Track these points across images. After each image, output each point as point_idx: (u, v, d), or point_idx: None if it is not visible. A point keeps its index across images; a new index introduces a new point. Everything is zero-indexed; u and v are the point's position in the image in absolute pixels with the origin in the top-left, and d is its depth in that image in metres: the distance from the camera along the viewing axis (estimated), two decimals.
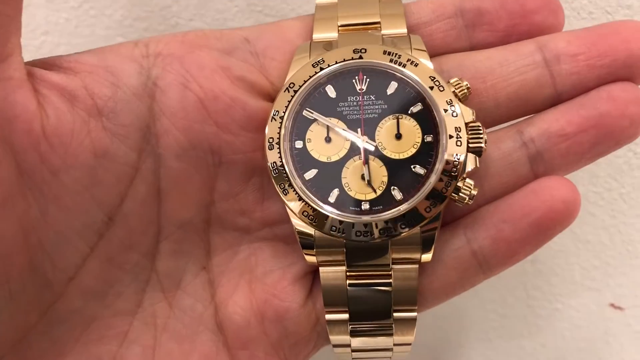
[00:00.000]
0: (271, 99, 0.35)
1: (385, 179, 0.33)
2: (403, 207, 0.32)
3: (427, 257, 0.33)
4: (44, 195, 0.31)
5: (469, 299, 0.45)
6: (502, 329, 0.55)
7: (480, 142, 0.32)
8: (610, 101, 0.33)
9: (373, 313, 0.34)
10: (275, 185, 0.33)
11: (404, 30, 0.35)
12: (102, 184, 0.32)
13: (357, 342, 0.35)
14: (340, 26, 0.35)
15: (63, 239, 0.32)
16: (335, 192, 0.33)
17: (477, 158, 0.33)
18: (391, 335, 0.34)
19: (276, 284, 0.35)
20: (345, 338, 0.35)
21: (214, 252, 0.36)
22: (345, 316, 0.34)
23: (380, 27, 0.35)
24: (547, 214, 0.32)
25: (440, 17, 0.36)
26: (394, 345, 0.35)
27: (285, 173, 0.33)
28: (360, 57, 0.33)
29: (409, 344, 0.35)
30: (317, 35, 0.35)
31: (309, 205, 0.32)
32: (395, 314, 0.34)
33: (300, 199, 0.33)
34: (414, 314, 0.34)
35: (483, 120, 0.35)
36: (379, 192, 0.33)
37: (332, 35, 0.35)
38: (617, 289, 0.53)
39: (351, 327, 0.34)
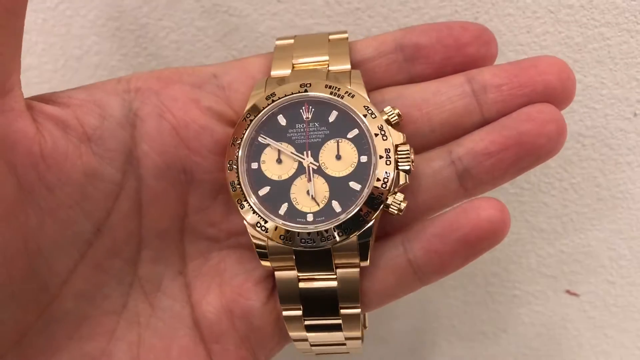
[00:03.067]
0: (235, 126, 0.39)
1: (327, 194, 0.37)
2: (341, 217, 0.36)
3: (365, 262, 0.37)
4: (41, 208, 0.34)
5: (433, 287, 0.45)
6: (465, 315, 0.56)
7: (408, 161, 0.36)
8: (529, 121, 0.35)
9: (322, 308, 0.37)
10: (234, 201, 0.37)
11: (348, 67, 0.38)
12: (91, 199, 0.36)
13: (313, 336, 0.38)
14: (294, 64, 0.39)
15: (58, 246, 0.35)
16: (285, 206, 0.37)
17: (407, 175, 0.36)
18: (341, 330, 0.38)
19: (241, 285, 0.38)
20: (302, 334, 0.38)
21: (189, 259, 0.39)
22: (299, 312, 0.37)
23: (328, 64, 0.39)
24: (472, 231, 0.35)
25: (382, 53, 0.39)
26: (345, 339, 0.39)
27: (242, 190, 0.37)
28: (306, 91, 0.37)
29: (359, 338, 0.39)
30: (275, 72, 0.39)
31: (262, 217, 0.37)
32: (342, 311, 0.37)
33: (255, 212, 0.37)
34: (357, 310, 0.37)
35: (420, 144, 0.38)
36: (321, 205, 0.37)
37: (287, 72, 0.39)
38: (571, 276, 0.54)
39: (306, 323, 0.38)
